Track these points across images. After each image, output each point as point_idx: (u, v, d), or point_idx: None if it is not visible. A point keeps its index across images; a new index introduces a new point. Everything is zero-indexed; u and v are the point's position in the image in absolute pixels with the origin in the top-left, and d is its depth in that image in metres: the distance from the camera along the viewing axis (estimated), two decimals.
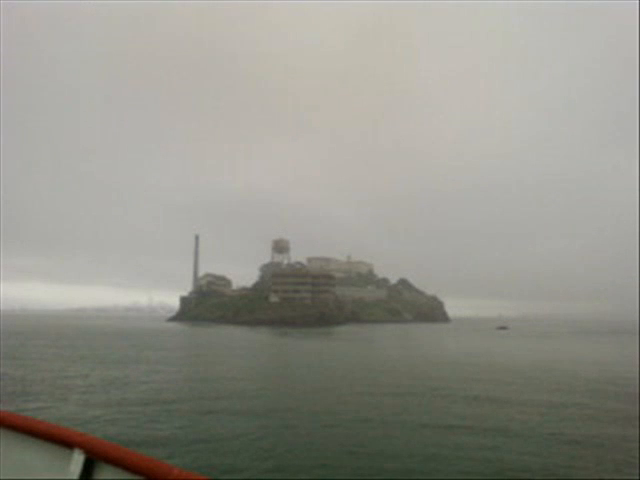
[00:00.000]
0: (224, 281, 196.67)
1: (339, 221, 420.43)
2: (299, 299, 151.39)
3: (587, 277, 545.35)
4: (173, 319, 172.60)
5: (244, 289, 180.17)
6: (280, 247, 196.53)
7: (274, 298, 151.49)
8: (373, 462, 13.10)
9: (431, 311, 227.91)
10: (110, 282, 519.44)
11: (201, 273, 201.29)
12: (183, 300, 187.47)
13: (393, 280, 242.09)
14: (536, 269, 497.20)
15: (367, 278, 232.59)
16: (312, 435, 15.96)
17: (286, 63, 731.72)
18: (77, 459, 2.18)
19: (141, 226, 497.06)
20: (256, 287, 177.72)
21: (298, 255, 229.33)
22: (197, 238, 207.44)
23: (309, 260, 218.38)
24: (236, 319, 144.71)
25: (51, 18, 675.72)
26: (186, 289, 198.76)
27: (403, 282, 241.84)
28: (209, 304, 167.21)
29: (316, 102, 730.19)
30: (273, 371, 34.70)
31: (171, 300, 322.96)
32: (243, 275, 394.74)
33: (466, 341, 78.07)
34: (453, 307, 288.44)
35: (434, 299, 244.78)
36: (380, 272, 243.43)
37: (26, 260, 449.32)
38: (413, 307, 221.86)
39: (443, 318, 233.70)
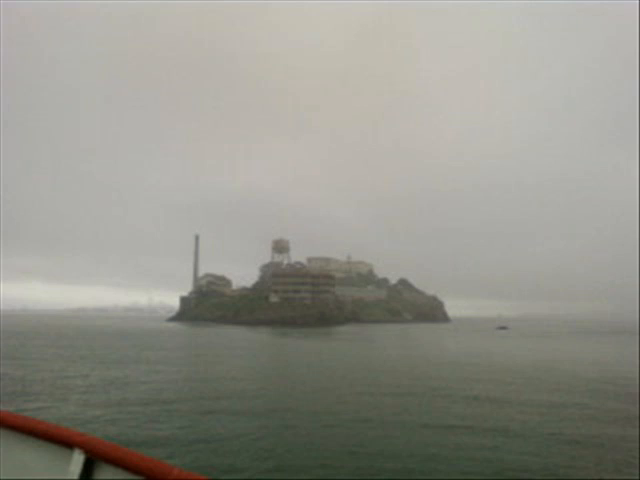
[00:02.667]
0: (224, 281, 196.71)
1: (339, 221, 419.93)
2: (299, 299, 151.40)
3: (587, 277, 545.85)
4: (173, 319, 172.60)
5: (244, 289, 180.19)
6: (280, 247, 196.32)
7: (274, 298, 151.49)
8: (373, 462, 13.09)
9: (431, 311, 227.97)
10: (110, 282, 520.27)
11: (201, 273, 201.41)
12: (183, 300, 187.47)
13: (393, 280, 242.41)
14: (536, 269, 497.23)
15: (367, 278, 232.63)
16: (312, 435, 15.95)
17: (286, 63, 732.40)
18: (77, 459, 2.18)
19: (141, 226, 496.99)
20: (256, 287, 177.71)
21: (298, 255, 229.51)
22: (197, 238, 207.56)
23: (309, 260, 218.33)
24: (236, 319, 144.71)
25: (51, 18, 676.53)
26: (186, 289, 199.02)
27: (403, 282, 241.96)
28: (209, 304, 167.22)
29: (316, 102, 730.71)
30: (273, 371, 34.69)
31: (171, 300, 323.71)
32: (243, 275, 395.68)
33: (466, 341, 78.03)
34: (453, 307, 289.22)
35: (434, 299, 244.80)
36: (380, 272, 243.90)
37: (26, 260, 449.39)
38: (413, 307, 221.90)
39: (443, 318, 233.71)
